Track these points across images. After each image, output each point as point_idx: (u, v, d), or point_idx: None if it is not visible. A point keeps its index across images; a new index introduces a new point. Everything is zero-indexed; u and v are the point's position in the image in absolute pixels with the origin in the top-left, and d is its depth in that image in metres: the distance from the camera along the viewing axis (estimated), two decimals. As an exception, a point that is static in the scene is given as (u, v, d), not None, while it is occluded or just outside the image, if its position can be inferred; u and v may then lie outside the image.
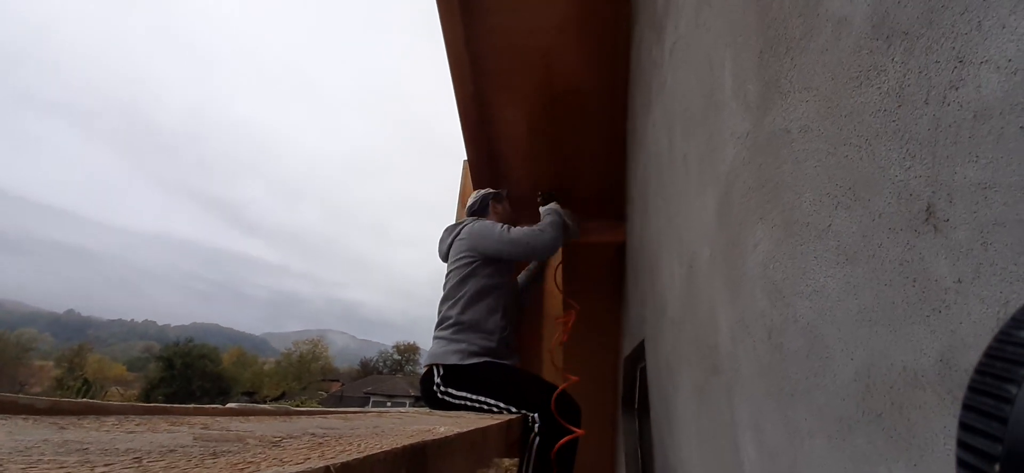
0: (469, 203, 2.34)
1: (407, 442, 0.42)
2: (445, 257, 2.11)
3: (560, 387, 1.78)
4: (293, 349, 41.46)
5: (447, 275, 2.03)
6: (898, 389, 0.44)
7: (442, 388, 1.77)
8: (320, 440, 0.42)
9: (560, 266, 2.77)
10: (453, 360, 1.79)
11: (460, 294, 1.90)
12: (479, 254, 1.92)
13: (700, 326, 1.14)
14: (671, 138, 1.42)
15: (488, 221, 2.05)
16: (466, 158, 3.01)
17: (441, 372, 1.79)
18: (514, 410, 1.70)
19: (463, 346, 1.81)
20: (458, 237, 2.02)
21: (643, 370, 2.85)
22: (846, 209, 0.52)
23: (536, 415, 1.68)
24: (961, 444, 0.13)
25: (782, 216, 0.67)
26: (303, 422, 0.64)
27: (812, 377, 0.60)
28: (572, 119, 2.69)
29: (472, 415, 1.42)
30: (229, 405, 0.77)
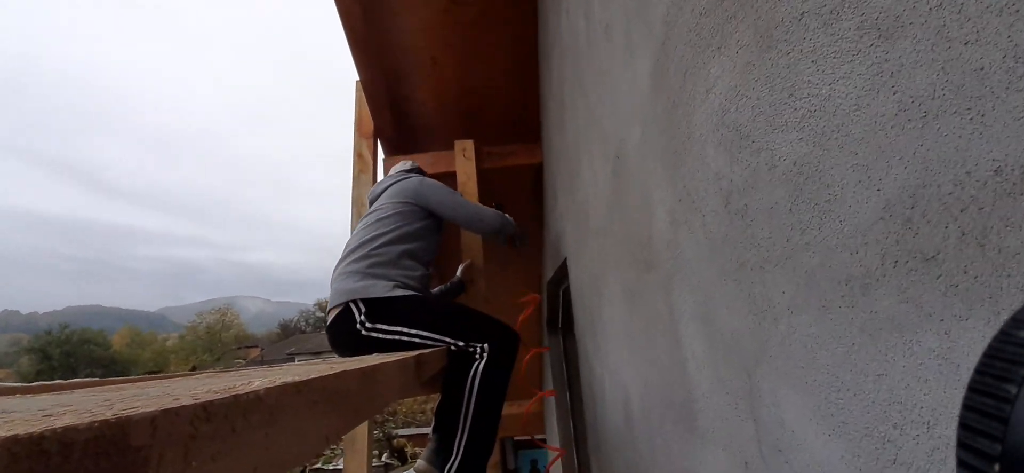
0: (401, 167, 1.98)
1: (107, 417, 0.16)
2: (372, 200, 1.79)
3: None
4: (197, 320, 37.31)
5: (367, 215, 1.73)
6: (975, 208, 0.28)
7: (368, 325, 1.45)
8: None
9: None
10: (379, 293, 1.49)
11: (386, 231, 1.61)
12: (420, 204, 1.69)
13: (630, 224, 0.99)
14: (588, 14, 1.19)
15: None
16: (358, 78, 2.56)
17: (363, 308, 1.46)
18: (460, 344, 1.46)
19: (387, 281, 1.52)
20: (397, 183, 1.76)
21: (566, 291, 2.80)
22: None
23: (485, 345, 1.45)
24: (961, 444, 0.13)
25: (754, 27, 0.48)
26: (115, 392, 0.36)
27: (798, 235, 0.45)
28: (478, 26, 2.35)
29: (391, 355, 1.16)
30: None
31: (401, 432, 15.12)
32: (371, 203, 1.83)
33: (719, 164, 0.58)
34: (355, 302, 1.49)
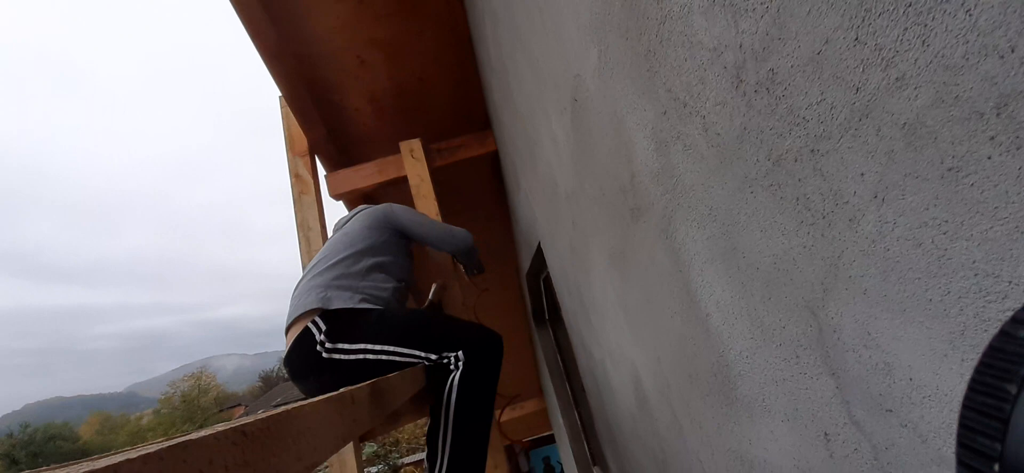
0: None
1: None
2: (338, 227, 1.63)
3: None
4: (171, 390, 34.99)
5: (331, 238, 1.57)
6: None
7: (329, 345, 1.24)
8: None
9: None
10: (341, 303, 1.28)
11: (352, 244, 1.44)
12: (390, 223, 1.58)
13: (604, 172, 0.82)
14: (514, -52, 1.02)
15: None
16: (280, 95, 2.31)
17: (322, 326, 1.25)
18: (433, 357, 1.24)
19: (353, 292, 1.33)
20: (365, 210, 1.65)
21: (546, 278, 2.63)
22: None
23: (460, 353, 1.25)
24: (961, 444, 0.13)
25: None
26: None
27: (879, 71, 0.28)
28: (399, 15, 2.14)
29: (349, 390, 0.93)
30: None
31: (406, 461, 14.64)
32: (338, 228, 1.65)
33: (716, 32, 0.41)
34: (314, 321, 1.27)
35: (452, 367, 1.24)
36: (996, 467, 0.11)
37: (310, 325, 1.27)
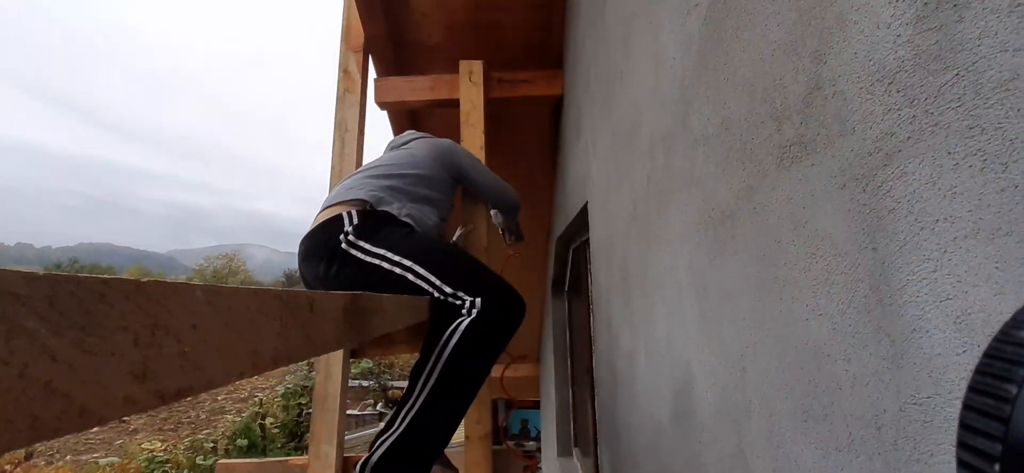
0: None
1: None
2: (396, 147, 1.55)
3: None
4: (205, 264, 37.12)
5: (389, 152, 1.52)
6: None
7: (351, 238, 1.12)
8: None
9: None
10: (387, 208, 1.21)
11: (415, 167, 1.38)
12: (451, 165, 1.51)
13: (744, 88, 0.56)
14: None
15: None
16: (348, -23, 2.08)
17: (355, 219, 1.14)
18: (448, 291, 1.08)
19: (402, 205, 1.25)
20: (428, 137, 1.57)
21: (577, 248, 2.39)
22: None
23: (478, 300, 1.08)
24: (961, 444, 0.12)
25: None
26: None
27: None
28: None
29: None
30: None
31: (396, 385, 15.08)
32: (395, 148, 1.56)
33: None
34: (351, 212, 1.16)
35: (463, 311, 1.05)
36: (996, 467, 0.11)
37: (345, 214, 1.16)
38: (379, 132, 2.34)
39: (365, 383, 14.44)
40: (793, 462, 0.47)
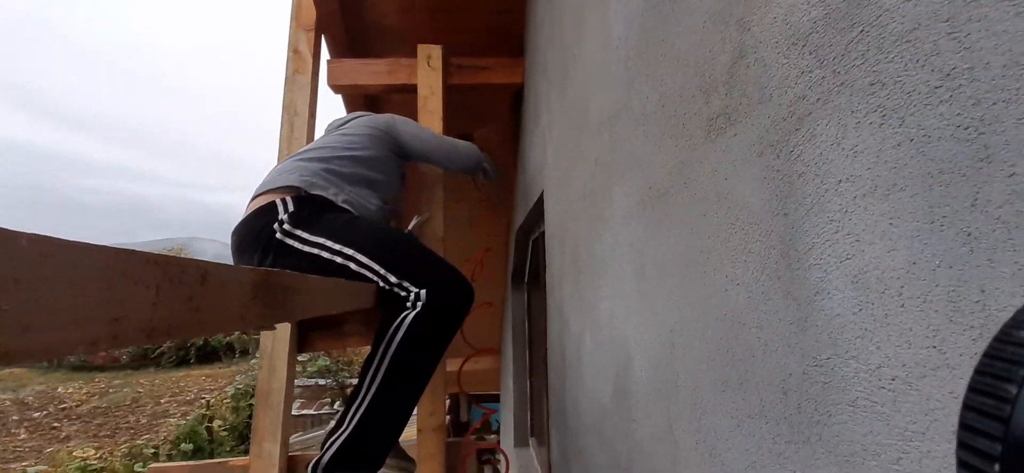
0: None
1: None
2: (335, 128, 1.48)
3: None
4: (151, 256, 34.47)
5: (326, 135, 1.46)
6: None
7: (286, 227, 1.04)
8: None
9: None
10: (321, 193, 1.12)
11: (351, 146, 1.30)
12: (390, 139, 1.43)
13: (679, 63, 0.55)
14: None
15: None
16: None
17: (290, 206, 1.06)
18: (393, 280, 1.03)
19: (338, 189, 1.17)
20: (368, 115, 1.50)
21: (537, 239, 2.39)
22: None
23: (422, 291, 1.04)
24: (961, 444, 0.12)
25: None
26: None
27: None
28: None
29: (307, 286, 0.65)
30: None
31: (354, 382, 14.68)
32: (333, 130, 1.48)
33: None
34: (285, 199, 1.08)
35: (408, 304, 1.02)
36: (996, 467, 0.11)
37: (278, 201, 1.07)
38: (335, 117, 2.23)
39: (322, 381, 13.95)
40: (713, 432, 0.47)
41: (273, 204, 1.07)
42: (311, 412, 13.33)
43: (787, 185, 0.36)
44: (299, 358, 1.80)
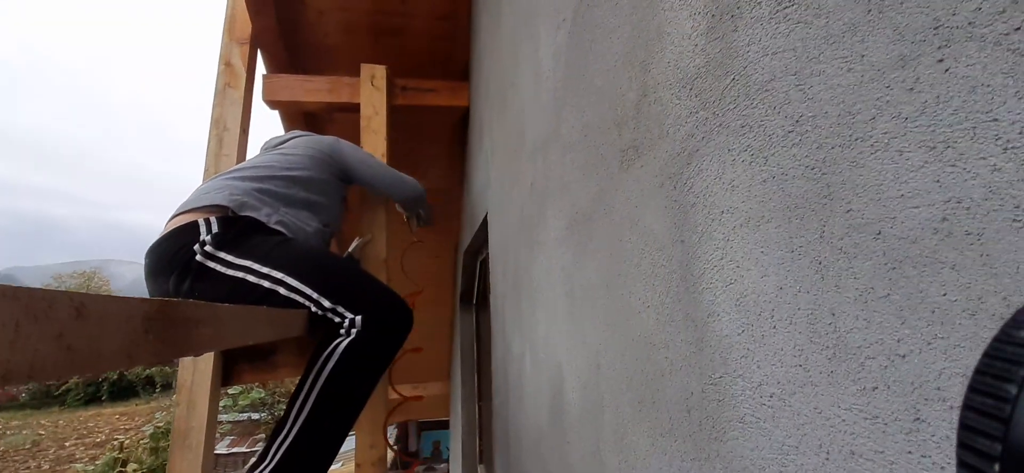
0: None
1: None
2: (273, 147, 1.40)
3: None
4: (54, 283, 30.67)
5: (263, 154, 1.36)
6: None
7: (208, 249, 0.96)
8: None
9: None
10: (251, 214, 1.05)
11: (289, 167, 1.23)
12: (334, 163, 1.38)
13: (596, 96, 0.58)
14: None
15: None
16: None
17: (214, 228, 0.98)
18: (326, 305, 0.97)
19: (271, 210, 1.11)
20: (310, 136, 1.45)
21: (484, 260, 2.38)
22: None
23: (358, 318, 0.99)
24: (961, 444, 0.12)
25: None
26: None
27: None
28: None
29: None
30: None
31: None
32: (270, 149, 1.40)
33: None
34: (208, 219, 1.00)
35: (342, 330, 0.97)
36: (996, 467, 0.11)
37: (201, 221, 1.00)
38: (274, 135, 2.13)
39: (255, 416, 12.83)
40: (633, 451, 0.49)
41: (195, 223, 0.99)
42: (243, 449, 12.20)
43: (683, 214, 0.39)
44: (228, 391, 1.66)
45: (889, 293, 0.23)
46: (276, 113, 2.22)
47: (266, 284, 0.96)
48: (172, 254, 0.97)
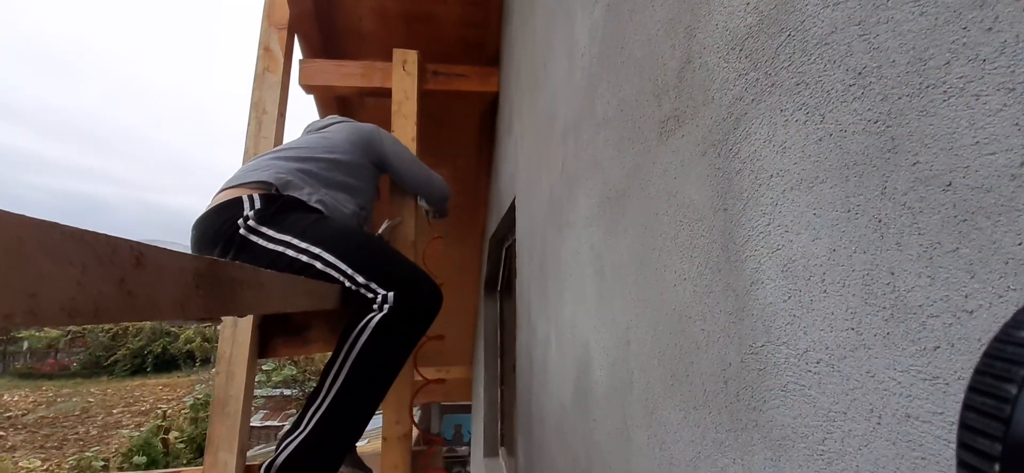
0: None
1: None
2: (315, 131, 1.43)
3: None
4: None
5: (305, 136, 1.40)
6: None
7: (251, 223, 1.01)
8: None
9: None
10: (294, 193, 1.09)
11: (331, 150, 1.27)
12: (373, 152, 1.41)
13: (634, 69, 0.57)
14: None
15: None
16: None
17: (257, 203, 1.03)
18: (360, 281, 1.01)
19: (312, 190, 1.14)
20: (350, 122, 1.47)
21: (510, 247, 2.39)
22: None
23: (391, 294, 1.02)
24: (961, 444, 0.12)
25: None
26: None
27: None
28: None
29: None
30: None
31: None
32: (312, 131, 1.43)
33: None
34: (252, 195, 1.04)
35: (375, 305, 1.00)
36: (997, 467, 0.11)
37: (245, 197, 1.04)
38: (306, 119, 2.19)
39: (287, 392, 13.40)
40: (663, 427, 0.48)
41: (239, 199, 1.03)
42: (276, 423, 12.78)
43: (726, 182, 0.38)
44: (264, 367, 1.74)
45: (958, 247, 0.22)
46: (309, 98, 2.28)
47: (304, 258, 1.00)
48: (217, 227, 1.02)
